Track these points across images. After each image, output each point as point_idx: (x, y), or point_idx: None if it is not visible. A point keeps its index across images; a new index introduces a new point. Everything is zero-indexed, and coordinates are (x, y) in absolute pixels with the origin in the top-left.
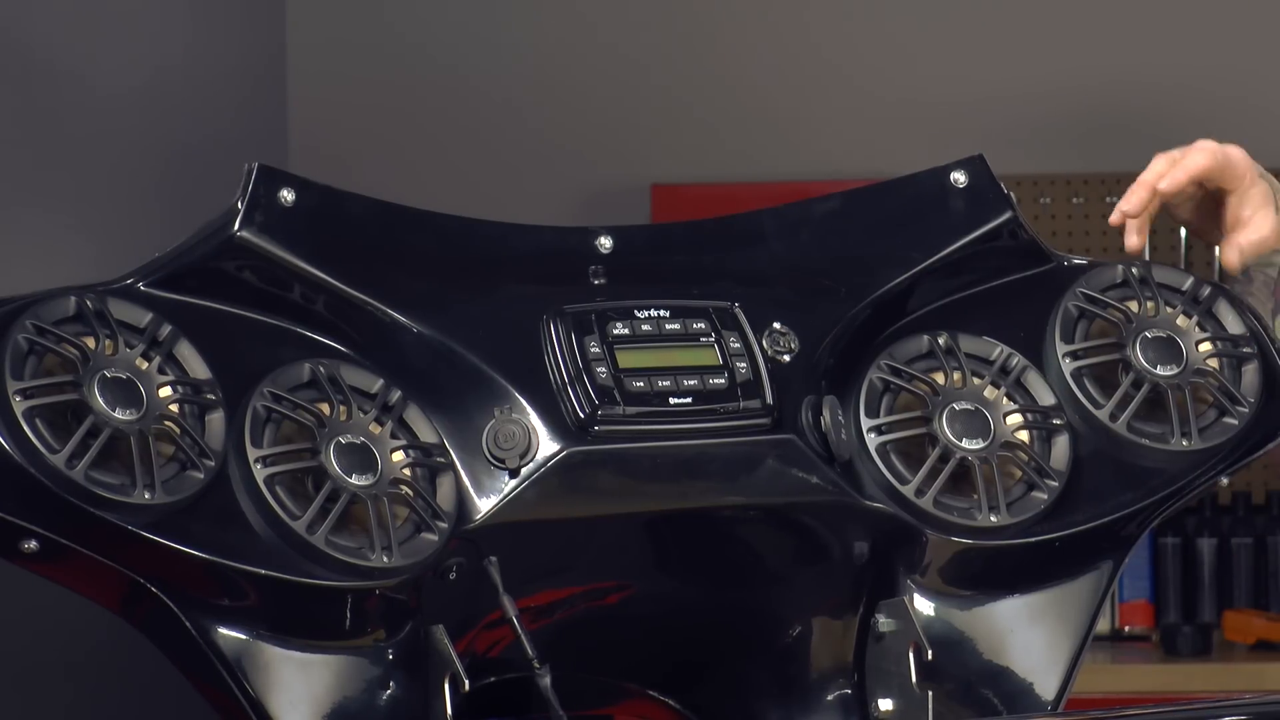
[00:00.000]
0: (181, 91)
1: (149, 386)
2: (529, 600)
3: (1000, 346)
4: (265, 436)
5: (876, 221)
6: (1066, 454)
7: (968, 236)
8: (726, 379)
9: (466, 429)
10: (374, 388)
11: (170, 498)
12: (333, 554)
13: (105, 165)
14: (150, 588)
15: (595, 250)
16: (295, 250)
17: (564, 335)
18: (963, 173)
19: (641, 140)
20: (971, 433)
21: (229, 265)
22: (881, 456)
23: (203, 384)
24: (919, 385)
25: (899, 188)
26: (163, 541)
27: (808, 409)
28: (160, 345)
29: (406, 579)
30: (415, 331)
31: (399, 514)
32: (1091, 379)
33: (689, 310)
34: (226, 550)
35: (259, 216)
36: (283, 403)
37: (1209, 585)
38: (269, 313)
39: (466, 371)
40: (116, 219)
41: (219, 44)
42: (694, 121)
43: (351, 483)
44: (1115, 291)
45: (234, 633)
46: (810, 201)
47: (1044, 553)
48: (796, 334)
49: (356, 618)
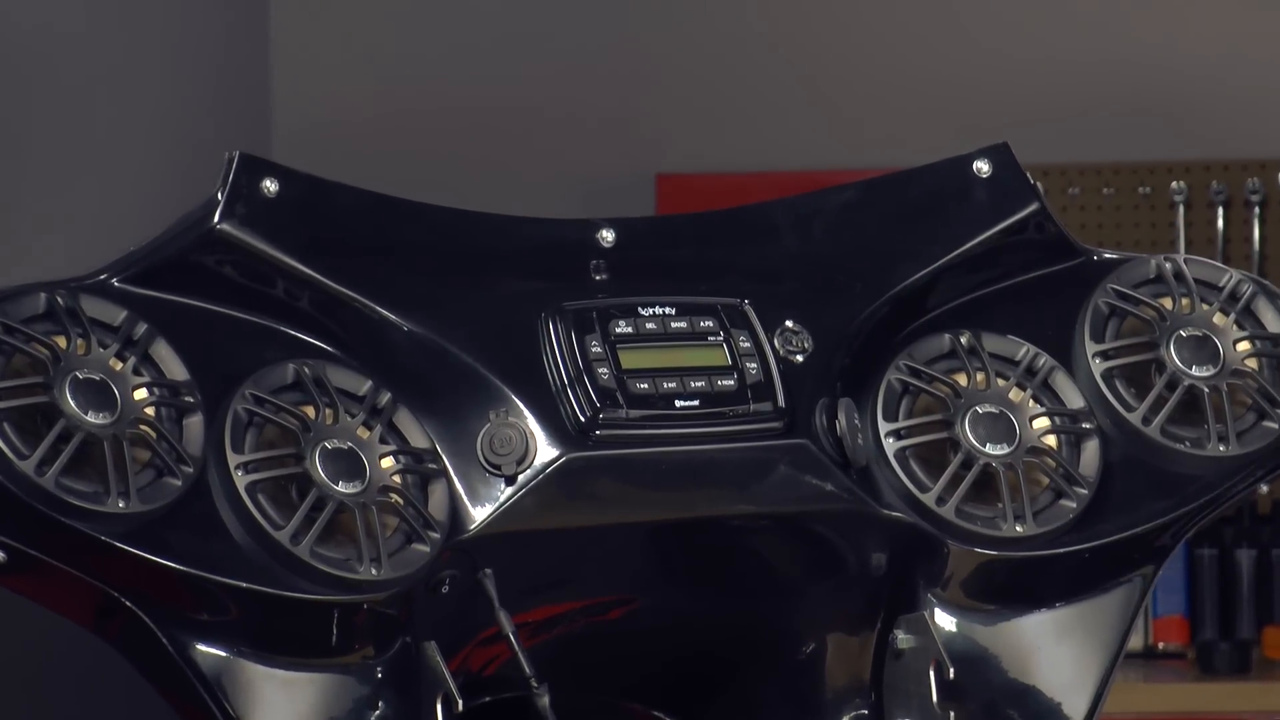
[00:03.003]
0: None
1: (123, 388)
2: (526, 615)
3: (1026, 346)
4: (247, 441)
5: (895, 213)
6: (1096, 460)
7: (992, 229)
8: (736, 380)
9: (460, 433)
10: (362, 390)
11: (146, 506)
12: (318, 566)
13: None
14: (125, 602)
15: (597, 244)
16: (279, 244)
17: (564, 334)
18: (986, 162)
19: (645, 128)
20: (996, 437)
21: (208, 260)
22: (900, 462)
23: (180, 386)
24: (940, 387)
25: (918, 178)
26: (138, 553)
27: (822, 412)
28: (135, 345)
29: (396, 592)
30: (406, 330)
31: (388, 523)
32: (1123, 380)
33: (696, 307)
34: (205, 562)
35: (240, 208)
36: (265, 405)
37: (1248, 599)
38: (251, 310)
39: (460, 372)
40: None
41: (198, 24)
42: (700, 108)
43: (338, 490)
44: (1148, 288)
45: (213, 649)
46: (825, 192)
47: (1073, 565)
48: (810, 333)
49: (343, 633)
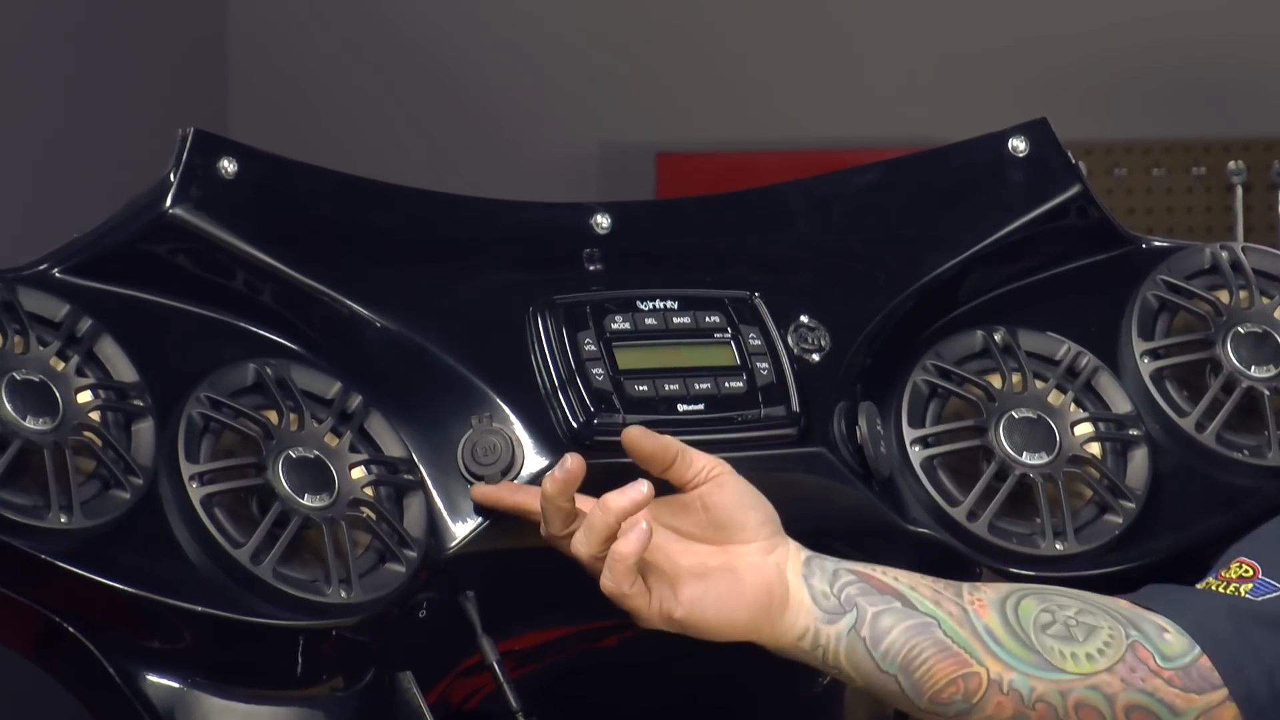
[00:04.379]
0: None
1: (66, 391)
2: (512, 642)
3: (1067, 344)
4: (202, 449)
5: (921, 197)
6: (1145, 470)
7: (1029, 214)
8: (745, 382)
9: (439, 441)
10: (330, 392)
11: (91, 521)
12: (281, 588)
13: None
14: (67, 628)
15: (591, 230)
16: (238, 230)
17: (554, 330)
18: (1023, 139)
19: (644, 100)
20: (1033, 445)
21: (160, 248)
22: (927, 473)
23: (129, 388)
24: (971, 389)
25: (948, 157)
26: (81, 573)
27: (840, 417)
28: (79, 342)
29: (368, 617)
30: (379, 326)
31: (359, 541)
32: (1174, 382)
33: (700, 301)
34: (156, 583)
35: (195, 190)
36: (223, 410)
37: None
38: (207, 304)
39: (439, 373)
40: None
41: None
42: (705, 77)
43: (304, 504)
44: (1203, 279)
45: (165, 680)
46: (843, 173)
47: (1118, 586)
48: (827, 329)
49: (310, 663)
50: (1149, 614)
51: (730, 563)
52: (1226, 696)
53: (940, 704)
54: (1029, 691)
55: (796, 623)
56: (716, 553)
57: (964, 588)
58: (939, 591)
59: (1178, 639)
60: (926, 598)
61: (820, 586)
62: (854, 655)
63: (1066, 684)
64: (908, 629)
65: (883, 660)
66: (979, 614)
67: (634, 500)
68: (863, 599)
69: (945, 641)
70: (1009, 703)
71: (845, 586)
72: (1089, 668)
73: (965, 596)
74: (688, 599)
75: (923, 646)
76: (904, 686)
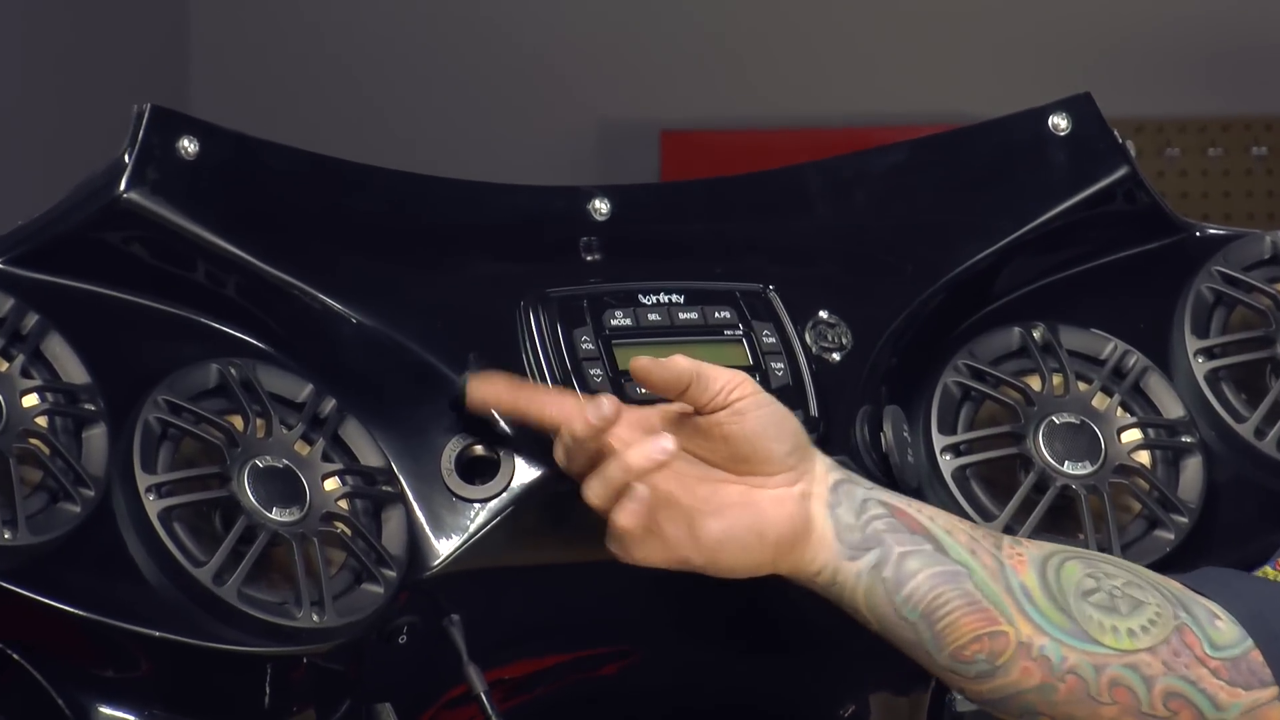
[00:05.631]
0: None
1: (9, 394)
2: (502, 671)
3: (1113, 342)
4: (160, 459)
5: (952, 179)
6: (1199, 481)
7: (1071, 199)
8: (759, 383)
9: (420, 449)
10: (301, 395)
11: (37, 538)
12: (247, 611)
13: None
14: (11, 655)
15: (588, 216)
16: (199, 216)
17: (547, 327)
18: (1065, 116)
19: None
20: (1076, 454)
21: (114, 236)
22: (959, 484)
23: (79, 390)
24: (1008, 392)
25: (982, 136)
26: (27, 594)
27: (864, 422)
28: (24, 340)
29: (343, 643)
30: (355, 322)
31: (333, 559)
32: (1231, 384)
33: (709, 294)
34: (110, 606)
35: (152, 173)
36: (183, 415)
37: None
38: (165, 298)
39: (421, 375)
40: None
41: None
42: (713, 51)
43: (272, 518)
44: (1263, 270)
45: (120, 713)
46: (867, 153)
47: None
48: (848, 325)
49: (278, 693)
50: (1201, 598)
51: (752, 496)
52: (1276, 695)
53: (961, 661)
54: (1060, 660)
55: (816, 558)
56: (737, 483)
57: (1005, 540)
58: (976, 540)
59: (1230, 628)
60: (961, 544)
61: (846, 518)
62: (873, 598)
63: (1102, 658)
64: (935, 575)
65: (903, 606)
66: (1016, 569)
67: (655, 460)
68: (890, 535)
69: (975, 594)
70: (1036, 669)
71: (873, 520)
72: (1129, 644)
73: (1005, 549)
74: (708, 543)
75: (949, 596)
76: (923, 637)
